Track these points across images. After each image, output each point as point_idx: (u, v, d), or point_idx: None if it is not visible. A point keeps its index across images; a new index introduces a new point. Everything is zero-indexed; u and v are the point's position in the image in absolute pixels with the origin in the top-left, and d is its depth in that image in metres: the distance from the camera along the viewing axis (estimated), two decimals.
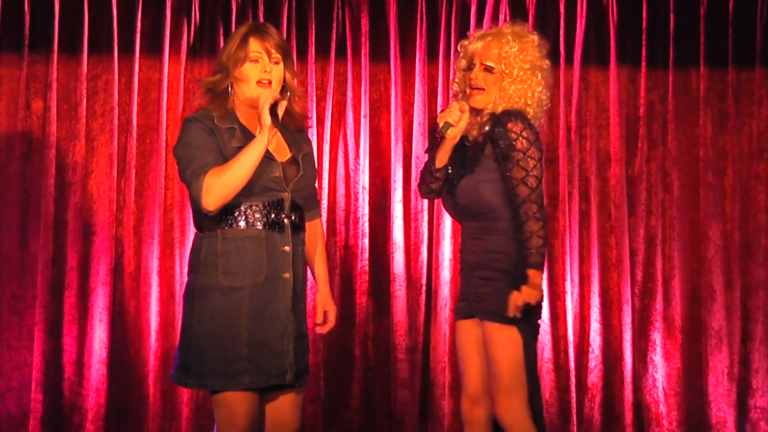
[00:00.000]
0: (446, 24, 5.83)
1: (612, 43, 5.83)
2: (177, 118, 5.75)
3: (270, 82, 3.72)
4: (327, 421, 5.74)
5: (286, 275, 3.70)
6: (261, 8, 5.76)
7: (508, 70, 4.15)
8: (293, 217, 3.74)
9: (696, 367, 5.79)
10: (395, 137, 5.80)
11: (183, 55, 5.75)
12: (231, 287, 3.66)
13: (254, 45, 3.72)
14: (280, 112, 3.69)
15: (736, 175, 5.83)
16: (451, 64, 5.82)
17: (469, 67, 4.23)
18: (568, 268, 5.76)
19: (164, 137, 5.71)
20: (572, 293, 5.76)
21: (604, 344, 5.78)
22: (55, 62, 5.67)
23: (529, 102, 4.16)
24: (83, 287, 5.66)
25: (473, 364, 4.21)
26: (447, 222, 5.78)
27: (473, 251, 4.15)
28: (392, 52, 5.82)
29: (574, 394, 5.73)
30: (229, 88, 3.75)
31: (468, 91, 4.21)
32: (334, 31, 5.82)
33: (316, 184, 4.02)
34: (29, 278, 5.62)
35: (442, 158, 4.24)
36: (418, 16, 5.83)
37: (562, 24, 5.83)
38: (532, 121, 4.15)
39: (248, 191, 3.65)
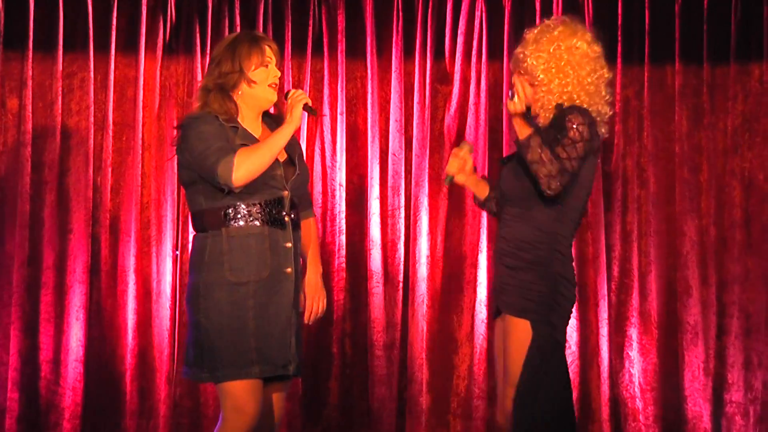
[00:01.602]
0: (422, 21, 5.84)
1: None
2: (153, 116, 5.74)
3: (278, 85, 3.92)
4: (305, 418, 5.74)
5: (289, 270, 3.83)
6: (237, 5, 5.76)
7: (531, 78, 4.10)
8: (292, 215, 3.88)
9: (672, 362, 5.81)
10: (372, 134, 5.81)
11: (159, 53, 5.75)
12: (237, 283, 3.78)
13: (269, 51, 3.91)
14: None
15: (711, 171, 5.85)
16: (428, 60, 5.83)
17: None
18: None
19: (140, 135, 5.70)
20: None
21: (580, 340, 5.79)
22: (30, 60, 5.66)
23: (572, 93, 4.07)
24: (59, 286, 5.65)
25: (500, 362, 4.19)
26: (424, 219, 5.79)
27: (504, 237, 4.08)
28: (369, 49, 5.83)
29: None
30: (231, 90, 3.87)
31: None
32: (311, 28, 5.83)
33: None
34: (5, 277, 5.61)
35: (481, 193, 4.29)
36: (395, 13, 5.83)
37: (537, 20, 5.82)
38: (596, 113, 4.09)
39: (251, 189, 3.78)
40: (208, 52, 5.71)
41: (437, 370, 5.81)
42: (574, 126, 3.99)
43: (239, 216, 3.80)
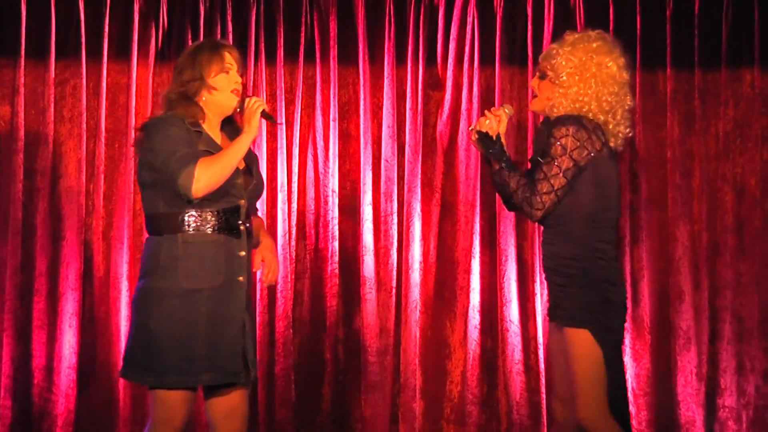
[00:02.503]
0: (414, 27, 5.85)
1: None
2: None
3: (239, 92, 3.94)
4: (298, 424, 5.74)
5: (241, 279, 3.87)
6: (229, 12, 5.77)
7: (556, 77, 4.16)
8: (247, 224, 3.92)
9: (665, 367, 5.81)
10: (364, 140, 5.81)
11: (151, 60, 5.75)
12: (191, 289, 3.79)
13: (229, 58, 3.94)
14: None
15: (703, 176, 5.86)
16: (420, 66, 5.84)
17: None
18: (537, 269, 5.78)
19: (132, 141, 5.69)
20: (542, 295, 5.78)
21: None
22: (22, 67, 5.66)
23: (586, 104, 4.13)
24: (52, 292, 5.64)
25: (560, 366, 4.22)
26: (417, 225, 5.79)
27: (547, 257, 4.16)
28: (361, 55, 5.83)
29: (544, 395, 5.75)
30: (194, 97, 3.90)
31: None
32: (303, 34, 5.83)
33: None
34: None
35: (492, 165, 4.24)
36: (387, 19, 5.84)
37: (529, 26, 5.85)
38: (606, 123, 4.14)
39: (210, 197, 3.79)
40: None
41: (430, 375, 5.81)
42: (557, 142, 4.05)
43: (196, 222, 3.81)
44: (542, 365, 5.75)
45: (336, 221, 5.80)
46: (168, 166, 3.75)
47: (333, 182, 5.80)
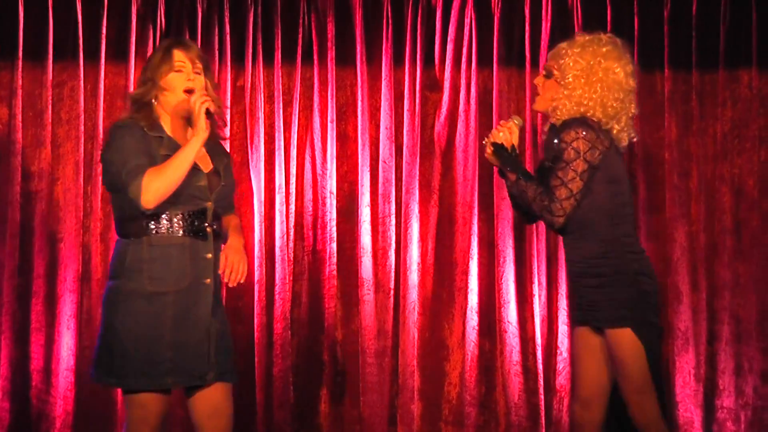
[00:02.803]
0: (412, 28, 5.84)
1: None
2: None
3: (194, 91, 3.89)
4: (296, 425, 5.74)
5: (208, 281, 3.88)
6: (227, 13, 5.76)
7: (562, 77, 4.17)
8: (215, 226, 3.91)
9: (663, 368, 5.81)
10: (362, 142, 5.81)
11: None
12: (156, 292, 3.81)
13: (178, 55, 3.90)
14: (206, 116, 3.83)
15: (700, 177, 5.86)
16: (418, 68, 5.83)
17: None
18: (535, 271, 5.78)
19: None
20: (540, 296, 5.78)
21: (571, 346, 5.79)
22: (20, 69, 5.66)
23: (590, 109, 4.14)
24: (50, 294, 5.64)
25: (586, 369, 4.22)
26: (414, 226, 5.79)
27: (575, 261, 4.17)
28: (358, 56, 5.83)
29: (542, 397, 5.75)
30: (153, 100, 3.90)
31: None
32: (301, 36, 5.83)
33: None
34: None
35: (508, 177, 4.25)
36: (384, 20, 5.84)
37: (527, 27, 5.85)
38: (611, 126, 4.16)
39: (174, 199, 3.80)
40: None
41: (429, 377, 5.81)
42: (569, 146, 4.04)
43: (161, 225, 3.83)
44: (540, 366, 5.74)
45: (334, 223, 5.79)
46: (119, 178, 3.78)
47: (331, 184, 5.80)
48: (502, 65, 5.86)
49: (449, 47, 5.86)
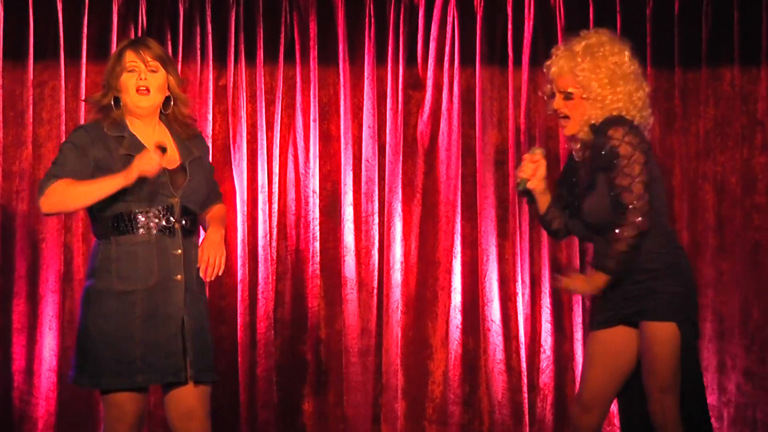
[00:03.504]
0: (394, 27, 5.83)
1: (560, 44, 5.83)
2: None
3: (147, 89, 3.89)
4: (280, 425, 5.73)
5: (179, 277, 3.86)
6: (208, 13, 5.74)
7: (586, 92, 4.13)
8: (184, 222, 3.89)
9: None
10: (345, 141, 5.80)
11: None
12: (124, 291, 3.81)
13: (129, 56, 3.90)
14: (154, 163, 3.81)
15: (683, 175, 5.86)
16: (400, 66, 5.82)
17: (552, 95, 4.23)
18: (518, 269, 5.78)
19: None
20: (523, 294, 5.78)
21: (555, 345, 5.80)
22: (0, 69, 5.63)
23: (623, 109, 4.13)
24: (32, 295, 5.62)
25: (596, 375, 4.18)
26: (397, 225, 5.79)
27: None
28: (341, 55, 5.82)
29: (526, 395, 5.75)
30: (113, 102, 3.91)
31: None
32: (283, 34, 5.81)
33: (215, 182, 4.14)
34: None
35: (542, 205, 4.24)
36: (367, 19, 5.82)
37: (510, 26, 5.85)
38: (639, 124, 4.15)
39: (138, 197, 3.82)
40: (180, 59, 5.69)
41: (412, 376, 5.81)
42: (621, 142, 4.01)
43: (127, 224, 3.83)
44: (524, 365, 5.75)
45: (317, 222, 5.78)
46: (43, 176, 3.87)
47: (313, 183, 5.78)
48: (485, 64, 5.86)
49: (432, 46, 5.85)
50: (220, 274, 3.93)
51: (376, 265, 5.79)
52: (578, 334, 5.76)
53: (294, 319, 5.77)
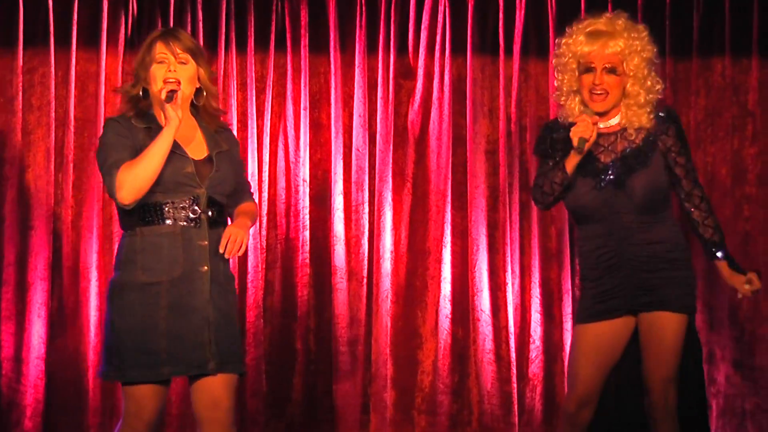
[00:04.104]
0: (386, 16, 5.83)
1: (551, 34, 5.84)
2: (115, 112, 5.68)
3: (177, 81, 3.83)
4: (269, 414, 5.72)
5: (204, 268, 3.81)
6: (199, 0, 5.73)
7: (635, 70, 4.13)
8: (210, 213, 3.85)
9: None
10: (335, 129, 5.79)
11: (120, 48, 5.71)
12: (148, 283, 3.77)
13: (159, 47, 3.85)
14: (178, 102, 3.77)
15: None
16: (391, 55, 5.81)
17: (587, 70, 4.15)
18: (508, 259, 5.78)
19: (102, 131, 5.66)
20: (513, 284, 5.78)
21: (545, 335, 5.80)
22: None
23: (659, 93, 4.19)
24: (21, 283, 5.60)
25: (593, 366, 4.16)
26: (388, 214, 5.78)
27: (640, 244, 4.11)
28: (332, 44, 5.81)
29: (515, 385, 5.75)
30: (141, 93, 3.87)
31: (587, 95, 4.15)
32: (274, 23, 5.80)
33: (246, 179, 4.12)
34: None
35: (571, 167, 4.15)
36: (358, 7, 5.82)
37: (501, 15, 5.84)
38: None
39: (164, 188, 3.78)
40: None
41: (401, 365, 5.80)
42: (684, 132, 4.23)
43: (153, 215, 3.80)
44: (513, 355, 5.74)
45: (307, 211, 5.77)
46: (102, 176, 3.82)
47: (304, 171, 5.77)
48: (476, 53, 5.85)
49: (423, 35, 5.85)
50: (240, 254, 3.87)
51: (366, 255, 5.78)
52: (568, 324, 5.76)
53: (283, 308, 5.76)
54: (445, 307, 5.78)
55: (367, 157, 5.80)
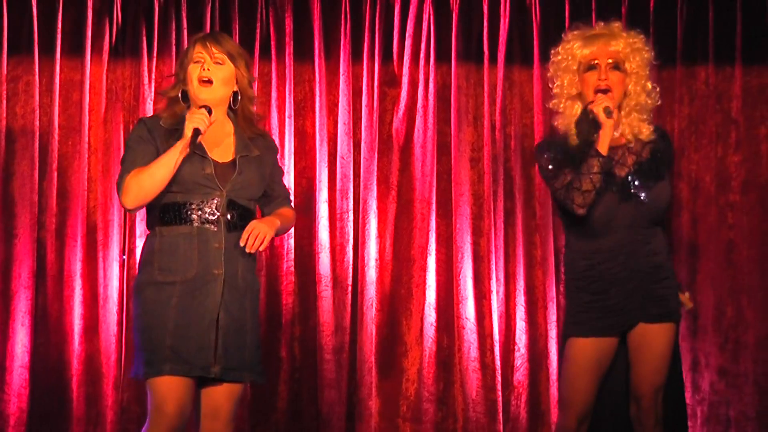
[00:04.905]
0: (370, 24, 5.83)
1: (535, 42, 5.85)
2: (99, 119, 5.70)
3: (210, 81, 3.86)
4: (254, 422, 5.71)
5: (217, 271, 3.81)
6: (184, 8, 5.73)
7: (635, 69, 4.16)
8: (230, 216, 3.84)
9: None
10: (320, 137, 5.79)
11: (105, 56, 5.71)
12: (164, 282, 3.80)
13: (197, 48, 3.90)
14: (206, 122, 3.80)
15: None
16: (376, 63, 5.81)
17: (590, 68, 4.12)
18: (493, 266, 5.78)
19: (86, 139, 5.66)
20: (498, 292, 5.78)
21: (529, 342, 5.80)
22: None
23: (653, 101, 4.23)
24: (5, 291, 5.59)
25: (593, 382, 4.14)
26: (372, 222, 5.78)
27: (646, 256, 4.10)
28: (316, 52, 5.81)
29: (500, 393, 5.75)
30: (180, 95, 3.91)
31: (591, 93, 4.11)
32: (258, 31, 5.80)
33: (283, 185, 4.12)
34: None
35: (604, 146, 4.05)
36: (342, 15, 5.82)
37: (485, 23, 5.85)
38: None
39: (184, 188, 3.81)
40: (155, 55, 5.68)
41: (386, 373, 5.80)
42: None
43: (172, 215, 3.83)
44: (498, 363, 5.74)
45: None
46: (117, 177, 3.88)
47: (288, 179, 5.77)
48: (460, 61, 5.86)
49: (408, 42, 5.85)
50: (261, 249, 3.87)
51: (351, 263, 5.78)
52: (552, 332, 5.76)
53: (268, 316, 5.75)
54: (430, 314, 5.78)
55: (352, 165, 5.80)
